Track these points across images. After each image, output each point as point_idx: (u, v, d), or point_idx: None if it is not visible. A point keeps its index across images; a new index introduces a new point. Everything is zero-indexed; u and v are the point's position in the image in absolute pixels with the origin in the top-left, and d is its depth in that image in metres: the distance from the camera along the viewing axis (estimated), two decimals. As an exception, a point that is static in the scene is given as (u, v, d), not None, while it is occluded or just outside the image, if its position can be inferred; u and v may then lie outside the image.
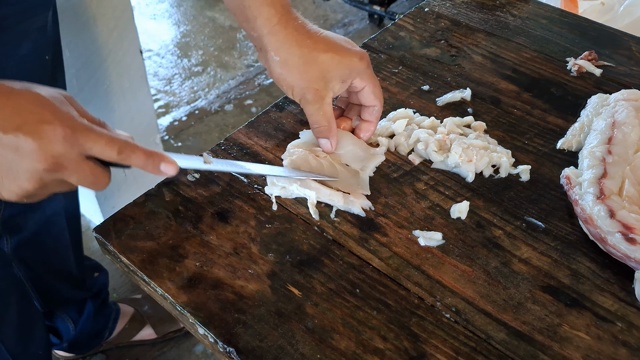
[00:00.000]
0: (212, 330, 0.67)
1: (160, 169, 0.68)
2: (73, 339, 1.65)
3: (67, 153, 0.63)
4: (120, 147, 0.65)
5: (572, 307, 0.68)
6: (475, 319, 0.67)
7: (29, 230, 1.38)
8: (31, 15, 1.07)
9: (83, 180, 0.66)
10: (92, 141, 0.64)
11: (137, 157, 0.67)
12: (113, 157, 0.65)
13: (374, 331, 0.66)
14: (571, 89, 0.96)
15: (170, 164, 0.68)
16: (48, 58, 1.18)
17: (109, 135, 0.65)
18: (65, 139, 0.62)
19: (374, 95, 0.83)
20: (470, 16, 1.11)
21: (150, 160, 0.67)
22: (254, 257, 0.73)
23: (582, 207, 0.76)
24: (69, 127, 0.63)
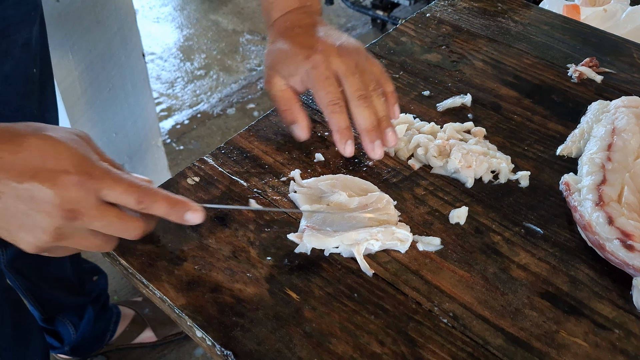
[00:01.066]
0: (210, 333, 0.67)
1: (185, 218, 0.66)
2: (74, 343, 1.65)
3: (83, 200, 0.60)
4: (139, 196, 0.63)
5: (570, 314, 0.68)
6: (472, 324, 0.67)
7: None
8: (13, 33, 1.05)
9: (109, 226, 0.63)
10: (108, 188, 0.61)
11: (159, 206, 0.64)
12: (131, 205, 0.63)
13: (372, 336, 0.66)
14: (572, 96, 0.96)
15: (196, 212, 0.67)
16: (35, 71, 1.16)
17: (128, 182, 0.62)
18: (80, 184, 0.60)
19: (317, 98, 0.80)
20: (472, 22, 1.12)
21: (174, 210, 0.65)
22: (252, 260, 0.73)
23: (581, 213, 0.76)
24: (84, 173, 0.60)
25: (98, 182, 0.61)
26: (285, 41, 0.82)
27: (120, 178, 0.62)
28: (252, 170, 0.84)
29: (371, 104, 0.79)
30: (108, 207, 0.62)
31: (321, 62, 0.79)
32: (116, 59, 1.72)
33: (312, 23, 0.85)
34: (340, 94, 0.79)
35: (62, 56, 1.55)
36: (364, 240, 0.74)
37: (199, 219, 0.67)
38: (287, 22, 0.86)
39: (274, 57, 0.83)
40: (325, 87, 0.79)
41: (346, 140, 0.79)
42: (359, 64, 0.81)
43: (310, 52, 0.80)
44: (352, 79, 0.79)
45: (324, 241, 0.74)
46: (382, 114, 0.81)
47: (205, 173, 0.83)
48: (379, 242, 0.74)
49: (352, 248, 0.73)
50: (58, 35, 1.50)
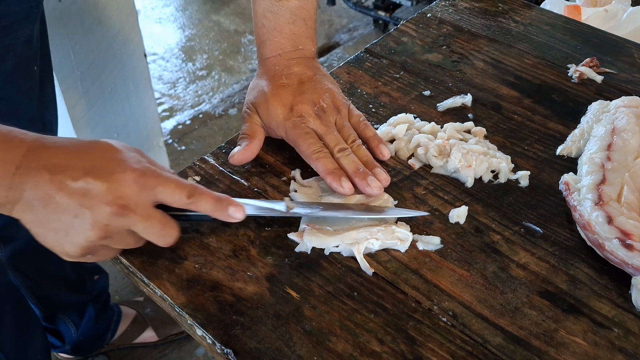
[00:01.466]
0: (210, 331, 0.67)
1: (229, 213, 0.69)
2: (75, 342, 1.65)
3: (136, 196, 0.64)
4: (189, 192, 0.66)
5: (569, 313, 0.69)
6: (472, 323, 0.67)
7: (23, 239, 1.38)
8: (15, 29, 1.06)
9: (150, 229, 0.66)
10: (161, 185, 0.65)
11: (206, 202, 0.68)
12: (183, 201, 0.66)
13: (371, 334, 0.66)
14: (572, 96, 0.97)
15: (239, 208, 0.70)
16: (36, 69, 1.17)
17: (178, 180, 0.66)
18: (135, 181, 0.63)
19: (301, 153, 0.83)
20: (473, 22, 1.12)
21: (218, 205, 0.69)
22: (253, 259, 0.74)
23: (580, 212, 0.76)
24: (139, 171, 0.64)
25: (152, 180, 0.64)
26: (270, 91, 0.85)
27: (171, 177, 0.66)
28: (252, 170, 0.84)
29: (352, 153, 0.82)
30: (155, 210, 0.66)
31: (299, 123, 0.82)
32: (118, 59, 1.72)
33: (299, 74, 0.87)
34: (322, 145, 0.82)
35: (64, 56, 1.55)
36: (363, 240, 0.74)
37: (240, 215, 0.70)
38: (276, 66, 0.88)
39: (259, 102, 0.86)
40: (305, 140, 0.81)
41: (339, 177, 0.79)
42: (338, 121, 0.85)
43: (289, 114, 0.83)
44: (330, 137, 0.82)
45: (324, 240, 0.74)
46: (366, 159, 0.82)
47: (206, 172, 0.84)
48: (379, 242, 0.74)
49: (352, 247, 0.74)
50: (60, 35, 1.50)
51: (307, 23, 0.89)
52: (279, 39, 0.88)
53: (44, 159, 0.62)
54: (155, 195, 0.65)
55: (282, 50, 0.88)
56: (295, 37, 0.89)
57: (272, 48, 0.88)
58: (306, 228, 0.75)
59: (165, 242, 0.68)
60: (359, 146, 0.83)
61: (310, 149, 0.81)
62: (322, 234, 0.74)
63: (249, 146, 0.83)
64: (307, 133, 0.82)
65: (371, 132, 0.86)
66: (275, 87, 0.85)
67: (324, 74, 0.90)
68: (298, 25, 0.89)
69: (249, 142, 0.84)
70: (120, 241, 0.67)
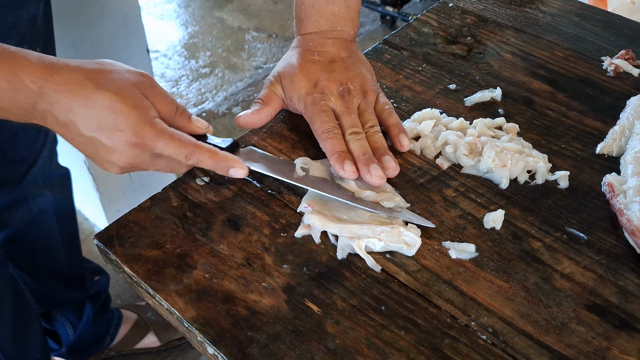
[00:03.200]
0: (223, 349, 0.60)
1: (230, 174, 0.71)
2: (72, 344, 1.60)
3: (139, 156, 0.69)
4: (187, 154, 0.69)
5: (622, 329, 0.62)
6: (514, 340, 0.60)
7: (16, 227, 1.35)
8: (21, 6, 1.03)
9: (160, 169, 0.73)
10: (160, 148, 0.68)
11: (206, 162, 0.70)
12: (182, 162, 0.70)
13: (402, 353, 0.59)
14: (608, 90, 0.90)
15: (239, 168, 0.71)
16: (39, 50, 1.12)
17: (179, 140, 0.69)
18: (135, 145, 0.67)
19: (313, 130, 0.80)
20: (498, 12, 1.05)
21: (219, 165, 0.71)
22: (268, 268, 0.67)
23: (628, 217, 0.69)
24: (139, 135, 0.67)
25: (151, 144, 0.68)
26: (299, 64, 0.83)
27: (172, 137, 0.68)
28: (266, 170, 0.77)
29: (364, 137, 0.77)
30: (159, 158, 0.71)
31: (319, 100, 0.80)
32: (120, 54, 1.66)
33: (333, 53, 0.84)
34: (336, 125, 0.78)
35: (65, 50, 1.49)
36: (365, 237, 0.68)
37: (242, 174, 0.71)
38: (310, 42, 0.85)
39: (286, 72, 0.83)
40: (320, 118, 0.78)
41: (343, 160, 0.74)
42: (362, 105, 0.80)
43: (312, 89, 0.81)
44: (347, 118, 0.78)
45: (325, 222, 0.70)
46: (378, 145, 0.77)
47: (215, 173, 0.77)
48: (382, 243, 0.68)
49: (352, 242, 0.68)
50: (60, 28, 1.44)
51: (348, 3, 0.86)
52: (317, 18, 0.85)
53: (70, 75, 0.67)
54: (157, 154, 0.69)
55: (319, 29, 0.85)
56: (334, 18, 0.85)
57: (309, 26, 0.86)
58: (307, 208, 0.71)
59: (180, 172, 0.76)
60: (375, 132, 0.79)
61: (323, 127, 0.78)
62: (324, 217, 0.71)
63: (259, 112, 0.82)
64: (324, 111, 0.79)
65: (393, 120, 0.81)
66: (305, 62, 0.83)
67: (360, 58, 0.86)
68: (338, 5, 0.85)
69: (260, 108, 0.82)
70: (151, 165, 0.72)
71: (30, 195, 1.34)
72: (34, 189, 1.33)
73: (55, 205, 1.40)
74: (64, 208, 1.45)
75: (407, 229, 0.69)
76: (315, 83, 0.81)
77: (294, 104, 0.82)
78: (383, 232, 0.69)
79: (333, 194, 0.72)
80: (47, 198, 1.37)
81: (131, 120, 0.67)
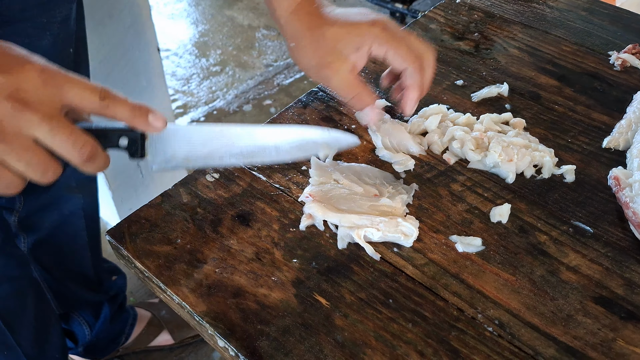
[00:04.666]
0: (233, 342, 0.61)
1: (149, 121, 0.60)
2: (89, 343, 1.61)
3: (39, 92, 0.55)
4: (102, 93, 0.57)
5: (628, 320, 0.62)
6: (521, 333, 0.61)
7: (45, 230, 1.35)
8: (53, 7, 1.03)
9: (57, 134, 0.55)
10: (69, 83, 0.56)
11: (122, 107, 0.58)
12: (94, 103, 0.56)
13: (410, 346, 0.60)
14: (616, 84, 0.90)
15: (158, 117, 0.60)
16: (72, 51, 1.14)
17: (89, 81, 0.57)
18: (38, 75, 0.54)
19: (400, 57, 0.76)
20: (505, 8, 1.05)
21: (137, 111, 0.59)
22: (277, 263, 0.68)
23: (634, 210, 0.69)
24: (42, 67, 0.55)
25: (59, 77, 0.56)
26: (333, 21, 0.77)
27: (85, 80, 0.57)
28: (274, 166, 0.78)
29: None
30: (60, 114, 0.56)
31: (386, 25, 0.76)
32: (130, 54, 1.67)
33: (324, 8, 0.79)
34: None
35: (75, 51, 1.50)
36: (363, 226, 0.69)
37: (161, 124, 0.60)
38: (312, 5, 0.79)
39: (329, 40, 0.76)
40: (403, 44, 0.75)
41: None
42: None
43: (372, 20, 0.76)
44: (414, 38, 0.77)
45: (326, 212, 0.70)
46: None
47: (225, 169, 0.78)
48: (380, 233, 0.69)
49: (351, 232, 0.69)
50: (70, 29, 1.46)
51: None
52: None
53: None
54: (62, 95, 0.55)
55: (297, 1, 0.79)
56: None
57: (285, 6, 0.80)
58: (308, 198, 0.72)
59: (82, 155, 0.56)
60: None
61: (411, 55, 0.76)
62: (324, 206, 0.71)
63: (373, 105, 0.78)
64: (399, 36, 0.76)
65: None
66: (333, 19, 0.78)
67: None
68: None
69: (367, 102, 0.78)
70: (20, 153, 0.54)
71: (62, 198, 1.33)
72: (65, 191, 1.33)
73: (85, 207, 1.40)
74: (92, 209, 1.45)
75: (405, 220, 0.70)
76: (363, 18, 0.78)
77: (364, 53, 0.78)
78: (381, 222, 0.69)
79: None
80: (78, 200, 1.37)
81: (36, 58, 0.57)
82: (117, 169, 1.76)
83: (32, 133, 0.54)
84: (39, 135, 0.54)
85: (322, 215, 0.71)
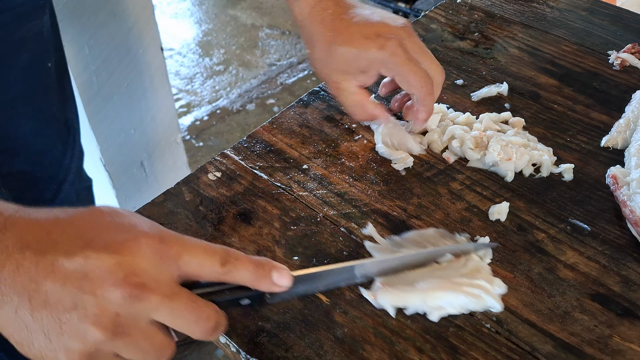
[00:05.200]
0: (234, 339, 0.62)
1: (273, 281, 0.53)
2: None
3: (156, 271, 0.47)
4: (222, 258, 0.50)
5: (624, 317, 0.63)
6: (518, 329, 0.62)
7: None
8: (25, 22, 1.01)
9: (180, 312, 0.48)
10: (187, 253, 0.49)
11: (245, 270, 0.52)
12: (216, 270, 0.50)
13: (409, 342, 0.61)
14: (615, 84, 0.91)
15: (283, 274, 0.53)
16: (51, 65, 1.12)
17: (206, 244, 0.51)
18: (153, 251, 0.47)
19: (408, 83, 0.76)
20: (505, 8, 1.06)
21: (260, 272, 0.52)
22: (278, 260, 0.68)
23: (631, 208, 0.70)
24: (156, 237, 0.48)
25: (175, 247, 0.49)
26: (343, 37, 0.76)
27: (198, 241, 0.51)
28: (276, 165, 0.79)
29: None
30: (181, 288, 0.49)
31: (397, 47, 0.74)
32: (133, 53, 1.68)
33: (351, 5, 0.78)
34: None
35: (79, 51, 1.51)
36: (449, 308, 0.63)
37: (287, 282, 0.54)
38: (327, 10, 0.78)
39: (337, 59, 0.77)
40: (412, 70, 0.74)
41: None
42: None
43: (382, 41, 0.74)
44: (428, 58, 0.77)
45: (403, 298, 0.63)
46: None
47: (227, 168, 0.79)
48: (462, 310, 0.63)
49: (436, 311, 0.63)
50: (73, 29, 1.46)
51: None
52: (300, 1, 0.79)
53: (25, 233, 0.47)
54: (180, 267, 0.49)
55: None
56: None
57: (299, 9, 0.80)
58: (379, 287, 0.64)
59: (206, 329, 0.50)
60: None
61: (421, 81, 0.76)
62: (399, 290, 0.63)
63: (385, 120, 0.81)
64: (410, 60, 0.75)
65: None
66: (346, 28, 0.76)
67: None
68: None
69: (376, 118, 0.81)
70: (138, 344, 0.48)
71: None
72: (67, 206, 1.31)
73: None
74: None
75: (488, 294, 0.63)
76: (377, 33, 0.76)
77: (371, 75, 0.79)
78: (470, 303, 0.63)
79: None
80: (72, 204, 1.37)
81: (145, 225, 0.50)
82: (121, 168, 1.77)
83: (151, 317, 0.48)
84: (158, 319, 0.48)
85: (401, 303, 0.63)
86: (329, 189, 0.76)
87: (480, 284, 0.64)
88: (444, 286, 0.63)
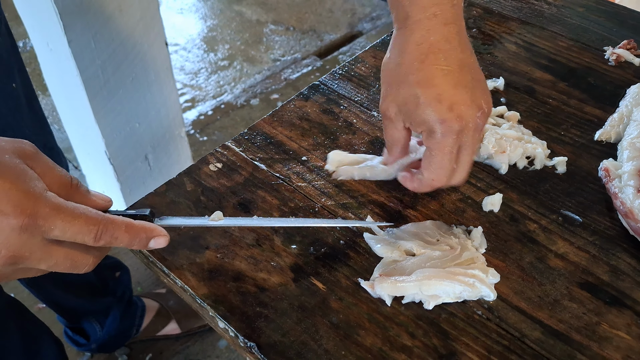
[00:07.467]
0: (233, 324, 0.64)
1: (150, 246, 0.58)
2: (101, 341, 1.63)
3: (27, 243, 0.50)
4: (98, 232, 0.53)
5: (612, 305, 0.65)
6: (508, 316, 0.64)
7: None
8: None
9: (55, 266, 0.54)
10: (59, 229, 0.51)
11: (121, 239, 0.55)
12: (89, 244, 0.53)
13: (402, 327, 0.63)
14: (609, 79, 0.92)
15: (160, 237, 0.58)
16: (15, 86, 1.10)
17: (81, 217, 0.52)
18: (23, 229, 0.49)
19: (427, 165, 0.68)
20: (503, 4, 1.08)
21: (136, 240, 0.56)
22: (276, 249, 0.71)
23: (622, 200, 0.72)
24: (28, 213, 0.49)
25: (46, 223, 0.51)
26: (425, 79, 0.66)
27: (73, 213, 0.52)
28: (275, 157, 0.81)
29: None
30: (55, 246, 0.53)
31: (452, 134, 0.65)
32: (139, 47, 1.70)
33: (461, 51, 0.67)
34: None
35: (85, 45, 1.53)
36: (445, 297, 0.65)
37: (163, 243, 0.59)
38: (431, 36, 0.66)
39: (404, 91, 0.67)
40: (442, 162, 0.66)
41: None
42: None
43: (448, 115, 0.64)
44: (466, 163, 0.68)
45: (400, 288, 0.65)
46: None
47: (228, 159, 0.81)
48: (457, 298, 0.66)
49: (431, 300, 0.65)
50: (80, 23, 1.48)
51: None
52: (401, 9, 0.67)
53: None
54: (54, 238, 0.52)
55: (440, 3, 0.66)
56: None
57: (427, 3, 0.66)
58: (376, 277, 0.67)
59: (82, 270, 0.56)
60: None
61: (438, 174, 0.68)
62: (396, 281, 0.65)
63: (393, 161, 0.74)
64: (450, 152, 0.66)
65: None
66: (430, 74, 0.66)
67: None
68: None
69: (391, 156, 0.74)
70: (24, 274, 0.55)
71: None
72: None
73: None
74: None
75: (483, 283, 0.65)
76: (450, 105, 0.65)
77: (418, 130, 0.68)
78: (464, 291, 0.65)
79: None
80: None
81: (13, 195, 0.49)
82: (125, 161, 1.79)
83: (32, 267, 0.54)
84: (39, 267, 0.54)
85: (398, 292, 0.65)
86: (327, 180, 0.78)
87: (475, 274, 0.66)
88: (440, 275, 0.65)
